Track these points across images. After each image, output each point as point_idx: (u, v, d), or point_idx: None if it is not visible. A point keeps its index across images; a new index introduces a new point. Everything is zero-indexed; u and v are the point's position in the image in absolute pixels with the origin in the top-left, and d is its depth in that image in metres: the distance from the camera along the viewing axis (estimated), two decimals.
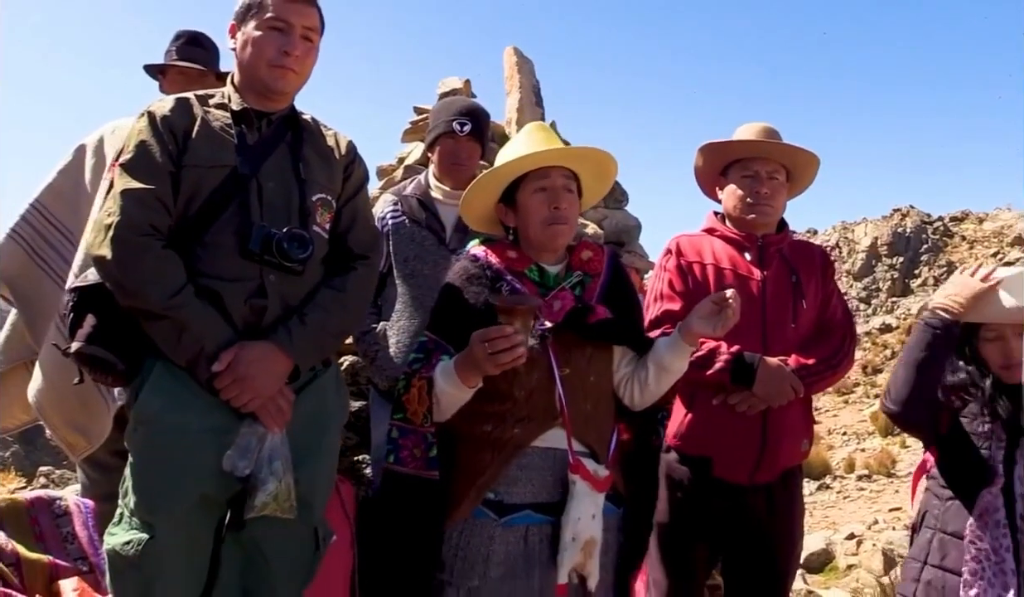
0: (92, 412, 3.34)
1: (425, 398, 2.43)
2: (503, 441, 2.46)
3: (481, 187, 2.66)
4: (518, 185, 2.60)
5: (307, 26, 2.47)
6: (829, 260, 3.40)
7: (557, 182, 2.57)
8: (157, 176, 2.32)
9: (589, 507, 2.41)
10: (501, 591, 2.40)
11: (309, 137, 2.57)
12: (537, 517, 2.46)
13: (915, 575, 2.70)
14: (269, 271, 2.36)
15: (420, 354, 2.53)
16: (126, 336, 2.32)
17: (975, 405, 2.67)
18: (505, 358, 2.24)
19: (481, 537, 2.43)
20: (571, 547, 2.38)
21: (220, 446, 2.27)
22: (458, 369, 2.38)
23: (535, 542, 2.44)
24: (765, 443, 3.02)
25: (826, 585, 8.66)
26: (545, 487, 2.47)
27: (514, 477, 2.46)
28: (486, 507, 2.46)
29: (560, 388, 2.46)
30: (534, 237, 2.59)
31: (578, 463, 2.43)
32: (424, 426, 2.44)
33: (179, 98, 2.48)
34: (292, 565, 2.45)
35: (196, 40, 3.72)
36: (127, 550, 2.24)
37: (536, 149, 2.57)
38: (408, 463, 2.45)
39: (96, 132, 3.57)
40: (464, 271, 2.60)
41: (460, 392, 2.41)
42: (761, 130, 3.23)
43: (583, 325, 2.51)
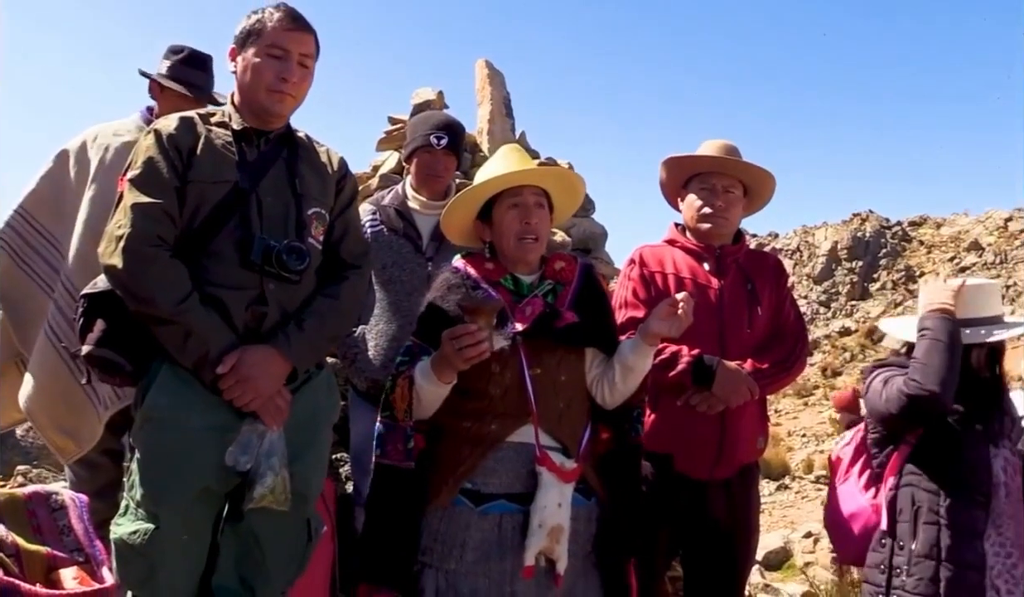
0: (81, 416, 3.44)
1: (406, 394, 2.65)
2: (481, 436, 2.68)
3: (460, 205, 2.88)
4: (494, 203, 2.82)
5: (303, 53, 2.65)
6: (782, 268, 3.62)
7: (528, 199, 2.80)
8: (164, 191, 2.48)
9: (555, 496, 2.61)
10: (475, 573, 2.62)
11: (304, 154, 2.75)
12: (511, 506, 2.66)
13: (931, 573, 2.81)
14: (269, 280, 2.54)
15: (406, 357, 2.75)
16: (133, 340, 2.49)
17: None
18: (471, 353, 2.48)
19: (459, 524, 2.65)
20: (538, 533, 2.58)
21: (222, 442, 2.45)
22: (433, 367, 2.62)
23: (508, 529, 2.64)
24: (723, 441, 3.24)
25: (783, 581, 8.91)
26: (519, 479, 2.67)
27: (490, 469, 2.68)
28: (464, 496, 2.66)
29: (530, 387, 2.67)
30: (507, 250, 2.82)
31: (544, 455, 2.65)
32: (405, 421, 2.66)
33: (183, 117, 2.64)
34: (286, 554, 2.64)
35: (197, 61, 3.72)
36: (134, 539, 2.42)
37: (510, 170, 2.80)
38: (392, 456, 2.68)
39: (78, 137, 3.64)
40: (445, 282, 2.83)
41: (437, 388, 2.63)
42: (721, 147, 3.44)
43: (551, 329, 2.73)
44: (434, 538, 2.66)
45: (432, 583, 2.63)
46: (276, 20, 2.61)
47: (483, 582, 2.61)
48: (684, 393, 3.22)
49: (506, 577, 2.61)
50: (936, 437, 2.92)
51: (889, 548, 2.93)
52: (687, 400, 3.21)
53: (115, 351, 2.49)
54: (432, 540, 2.66)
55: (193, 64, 3.71)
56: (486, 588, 2.60)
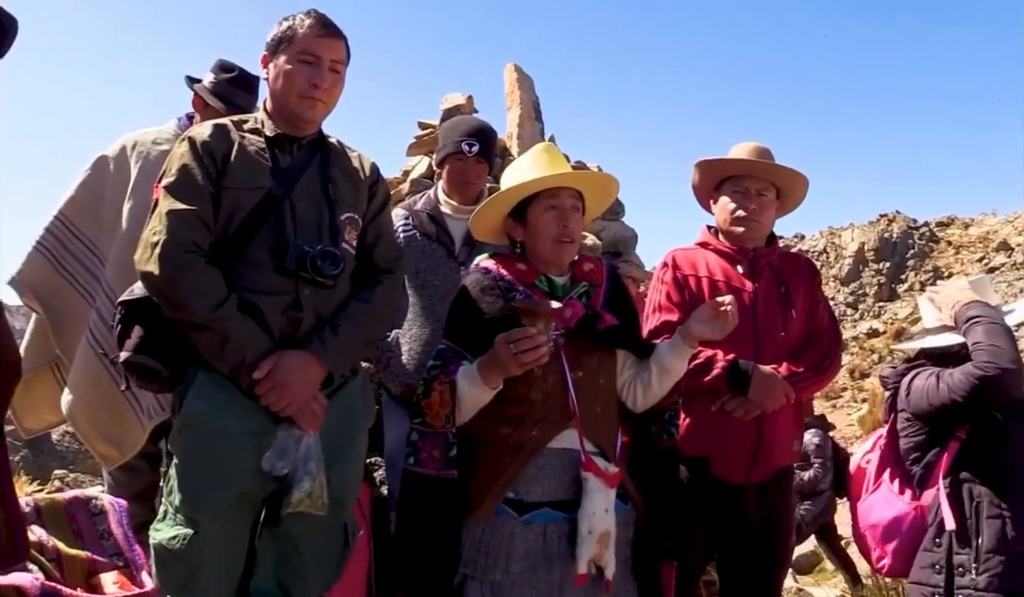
0: (124, 424, 3.48)
1: (448, 401, 2.61)
2: (522, 443, 2.63)
3: (494, 204, 2.86)
4: (528, 202, 2.80)
5: (335, 59, 2.66)
6: (816, 270, 3.60)
7: (566, 202, 2.78)
8: (199, 197, 2.50)
9: (602, 502, 2.59)
10: (522, 584, 2.57)
11: (336, 159, 2.76)
12: (555, 514, 2.62)
13: (1002, 568, 2.74)
14: (304, 285, 2.55)
15: (438, 361, 2.70)
16: (171, 346, 2.51)
17: None
18: (529, 357, 2.43)
19: (503, 534, 2.59)
20: (588, 539, 2.54)
21: (259, 447, 2.46)
22: (481, 371, 2.56)
23: (553, 538, 2.61)
24: (759, 444, 3.22)
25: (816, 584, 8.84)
26: (562, 486, 2.64)
27: (532, 477, 2.63)
28: (507, 505, 2.62)
29: (572, 391, 2.64)
30: (542, 252, 2.79)
31: (590, 461, 2.61)
32: (445, 427, 2.62)
33: (217, 124, 2.66)
34: (323, 558, 2.65)
35: (246, 82, 3.72)
36: (173, 544, 2.43)
37: (546, 170, 2.78)
38: (427, 464, 2.62)
39: (117, 143, 3.67)
40: (477, 283, 2.78)
41: (482, 393, 2.59)
42: (753, 149, 3.43)
43: (593, 331, 2.71)
44: (477, 549, 2.60)
45: (477, 595, 2.59)
46: (307, 27, 2.63)
47: (530, 593, 2.57)
48: (719, 397, 3.20)
49: (554, 588, 2.58)
50: (984, 430, 2.88)
51: (946, 547, 2.86)
52: (723, 405, 3.19)
53: (152, 357, 2.52)
54: (475, 551, 2.60)
55: (241, 85, 3.71)
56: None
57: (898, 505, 3.11)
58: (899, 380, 3.12)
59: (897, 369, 3.21)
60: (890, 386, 3.18)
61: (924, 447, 3.03)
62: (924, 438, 3.03)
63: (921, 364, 3.10)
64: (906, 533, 3.06)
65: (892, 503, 3.13)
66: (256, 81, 3.74)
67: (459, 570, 2.61)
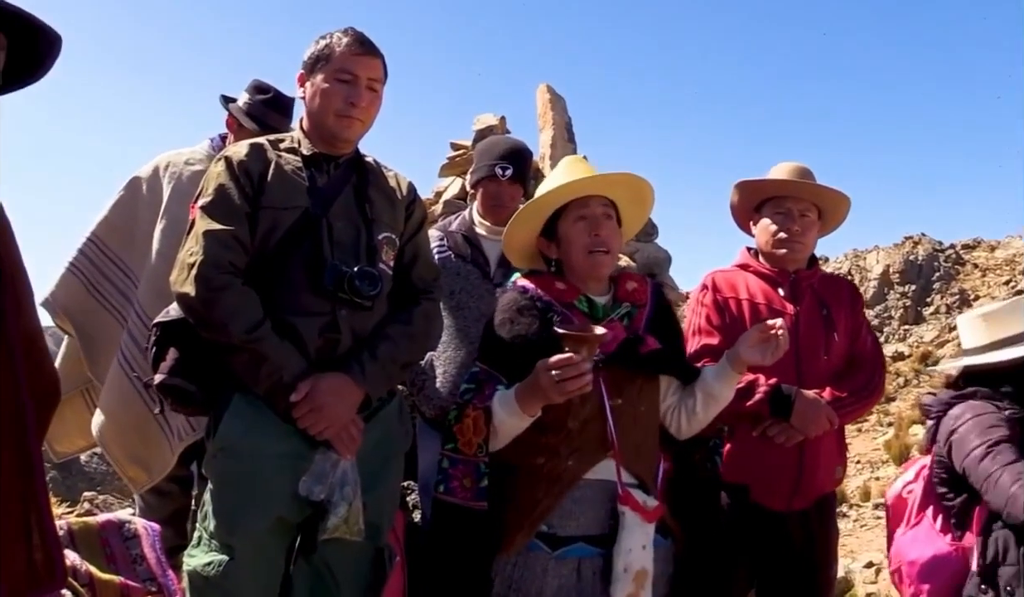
0: (154, 447, 3.45)
1: (482, 428, 2.50)
2: (557, 474, 2.51)
3: (522, 221, 2.75)
4: (558, 218, 2.70)
5: (372, 77, 2.62)
6: (858, 293, 3.54)
7: (596, 210, 2.67)
8: (235, 217, 2.47)
9: (640, 538, 2.47)
10: None
11: (373, 179, 2.72)
12: (589, 549, 2.50)
13: None
14: (341, 306, 2.50)
15: (472, 385, 2.60)
16: (206, 369, 2.47)
17: None
18: (573, 386, 2.30)
19: (534, 570, 2.49)
20: (623, 578, 2.43)
21: (295, 471, 2.41)
22: (519, 398, 2.44)
23: (588, 575, 2.49)
24: (801, 471, 3.14)
25: None
26: (597, 519, 2.52)
27: (567, 510, 2.52)
28: (539, 540, 2.50)
29: (611, 419, 2.52)
30: (577, 266, 2.67)
31: (627, 494, 2.49)
32: (478, 456, 2.52)
33: (253, 144, 2.63)
34: (359, 584, 2.58)
35: (279, 103, 3.69)
36: (208, 571, 2.38)
37: (573, 179, 2.67)
38: (458, 493, 2.52)
39: (150, 164, 3.66)
40: (514, 302, 2.66)
41: (520, 421, 2.47)
42: (795, 169, 3.37)
43: (635, 356, 2.58)
44: (508, 585, 2.49)
45: None
46: (344, 45, 2.59)
47: None
48: (760, 423, 3.13)
49: None
50: None
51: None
52: (764, 431, 3.12)
53: (187, 380, 2.48)
54: (506, 588, 2.49)
55: (276, 107, 3.68)
56: None
57: (938, 544, 2.97)
58: (944, 410, 2.98)
59: (939, 397, 3.08)
60: (933, 415, 3.04)
61: (952, 488, 2.92)
62: (949, 479, 2.92)
63: (964, 392, 2.98)
64: (945, 575, 2.92)
65: (933, 541, 2.99)
66: (291, 103, 3.70)
67: None
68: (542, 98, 5.68)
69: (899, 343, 33.56)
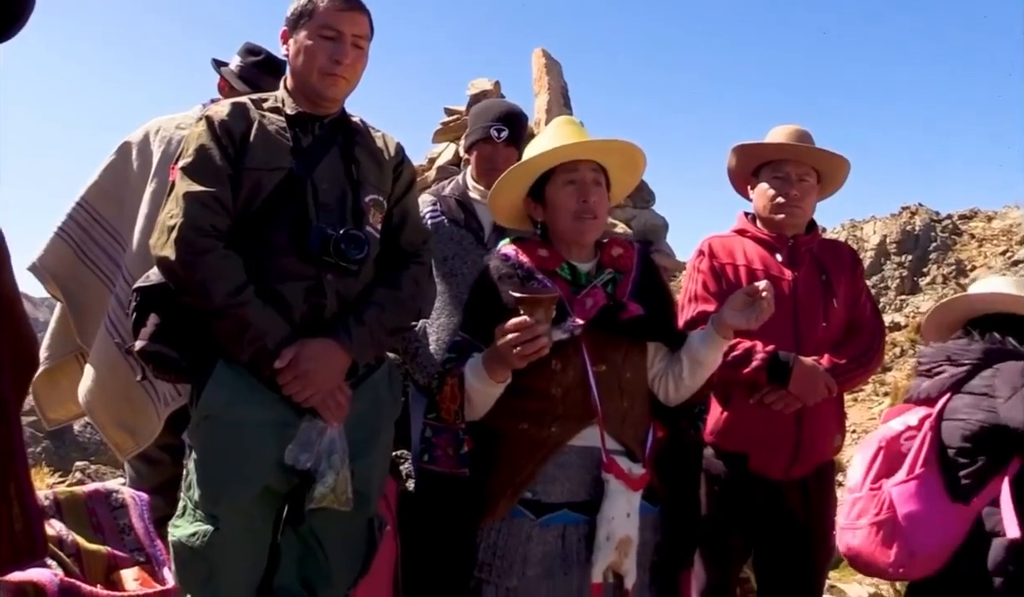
0: (140, 413, 3.39)
1: (457, 394, 2.48)
2: (541, 440, 2.49)
3: (509, 182, 2.69)
4: (547, 180, 2.63)
5: (357, 34, 2.54)
6: (858, 259, 3.47)
7: (586, 176, 2.60)
8: (217, 179, 2.39)
9: (623, 506, 2.43)
10: (539, 590, 2.44)
11: (360, 139, 2.64)
12: (574, 516, 2.48)
13: None
14: (326, 271, 2.43)
15: (453, 353, 2.58)
16: (188, 334, 2.40)
17: None
18: (528, 349, 2.27)
19: (518, 537, 2.46)
20: (605, 546, 2.40)
21: (281, 440, 2.35)
22: (486, 364, 2.43)
23: (572, 541, 2.47)
24: (800, 439, 3.09)
25: (843, 580, 8.70)
26: (583, 486, 2.49)
27: (551, 476, 2.49)
28: (523, 506, 2.48)
29: (594, 386, 2.49)
30: (563, 231, 2.62)
31: (611, 462, 2.45)
32: (456, 423, 2.49)
33: (235, 102, 2.55)
34: (348, 555, 2.53)
35: (271, 65, 3.58)
36: (193, 541, 2.33)
37: (565, 143, 2.60)
38: (442, 462, 2.50)
39: (140, 129, 3.58)
40: (495, 270, 2.63)
41: (489, 387, 2.45)
42: (793, 133, 3.29)
43: (616, 322, 2.54)
44: (492, 552, 2.47)
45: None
46: (328, 0, 2.51)
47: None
48: (757, 390, 3.07)
49: (573, 594, 2.44)
50: None
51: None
52: (762, 398, 3.06)
53: (169, 346, 2.40)
54: (490, 554, 2.47)
55: (268, 70, 3.58)
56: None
57: (941, 505, 2.79)
58: (982, 361, 2.81)
59: (970, 346, 2.89)
60: (965, 362, 2.85)
61: (975, 451, 2.78)
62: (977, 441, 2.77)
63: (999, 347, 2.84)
64: (946, 539, 2.76)
65: (935, 500, 2.80)
66: (283, 65, 3.62)
67: (473, 574, 2.48)
68: (538, 62, 5.60)
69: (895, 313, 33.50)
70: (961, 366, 2.87)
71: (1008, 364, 2.77)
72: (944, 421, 2.85)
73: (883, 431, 2.98)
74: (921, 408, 2.96)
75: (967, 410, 2.80)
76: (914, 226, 37.01)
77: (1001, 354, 2.83)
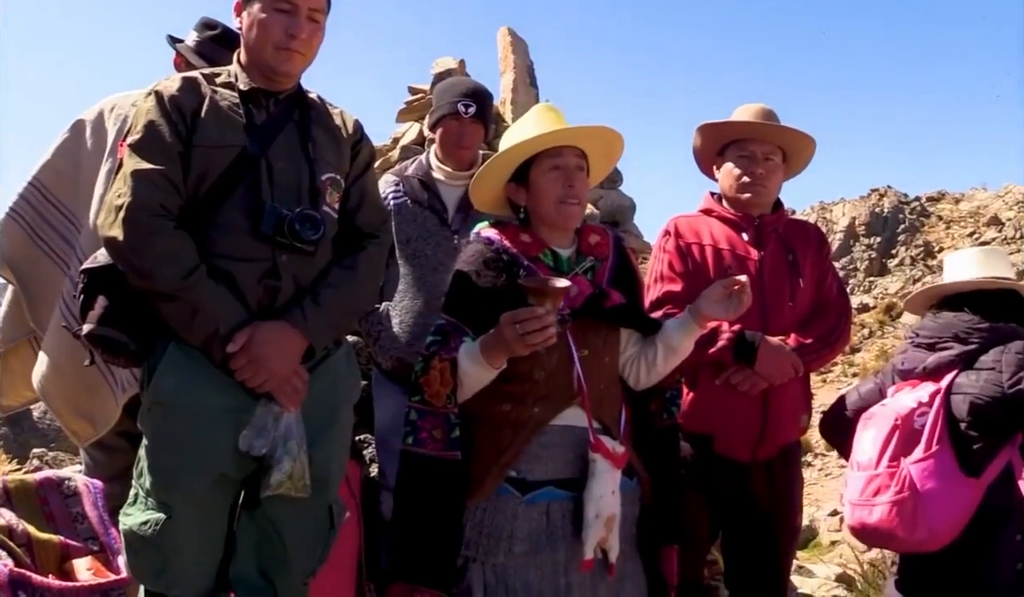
0: (98, 399, 3.30)
1: (448, 379, 2.46)
2: (523, 420, 2.52)
3: (495, 168, 2.69)
4: (530, 165, 2.63)
5: (313, 7, 2.44)
6: (824, 239, 3.46)
7: (570, 161, 2.61)
8: (167, 156, 2.31)
9: (609, 484, 2.47)
10: (526, 566, 2.46)
11: (316, 116, 2.56)
12: (559, 493, 2.51)
13: None
14: (281, 252, 2.35)
15: (437, 336, 2.55)
16: (138, 317, 2.32)
17: None
18: (537, 339, 2.29)
19: (505, 514, 2.48)
20: (595, 523, 2.43)
21: (235, 425, 2.28)
22: (484, 350, 2.42)
23: (557, 518, 2.50)
24: (766, 420, 3.07)
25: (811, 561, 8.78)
26: (567, 464, 2.52)
27: (535, 455, 2.51)
28: (509, 484, 2.50)
29: (579, 369, 2.51)
30: (547, 216, 2.63)
31: (599, 442, 2.49)
32: (447, 406, 2.48)
33: (186, 77, 2.47)
34: (307, 543, 2.47)
35: (229, 39, 3.43)
36: (144, 530, 2.27)
37: (548, 129, 2.61)
38: (427, 444, 2.48)
39: (94, 107, 3.47)
40: (479, 254, 2.62)
41: (485, 372, 2.46)
42: (758, 111, 3.27)
43: (600, 309, 2.57)
44: (479, 530, 2.49)
45: (479, 578, 2.46)
46: None
47: (535, 574, 2.45)
48: (723, 371, 3.05)
49: (559, 568, 2.47)
50: None
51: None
52: (728, 378, 3.04)
53: (118, 330, 2.32)
54: (476, 533, 2.49)
55: (226, 44, 3.42)
56: (538, 581, 2.45)
57: (956, 480, 2.82)
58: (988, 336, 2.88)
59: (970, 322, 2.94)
60: (974, 340, 2.89)
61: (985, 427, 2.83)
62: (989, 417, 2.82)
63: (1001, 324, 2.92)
64: (961, 514, 2.80)
65: (951, 476, 2.82)
66: (235, 36, 3.54)
67: (461, 552, 2.49)
68: (503, 41, 5.52)
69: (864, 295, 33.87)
70: (969, 344, 2.91)
71: (1015, 343, 2.85)
72: (953, 395, 2.88)
73: (894, 407, 2.96)
74: (928, 383, 2.96)
75: (976, 386, 2.84)
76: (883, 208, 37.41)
77: (1007, 332, 2.90)
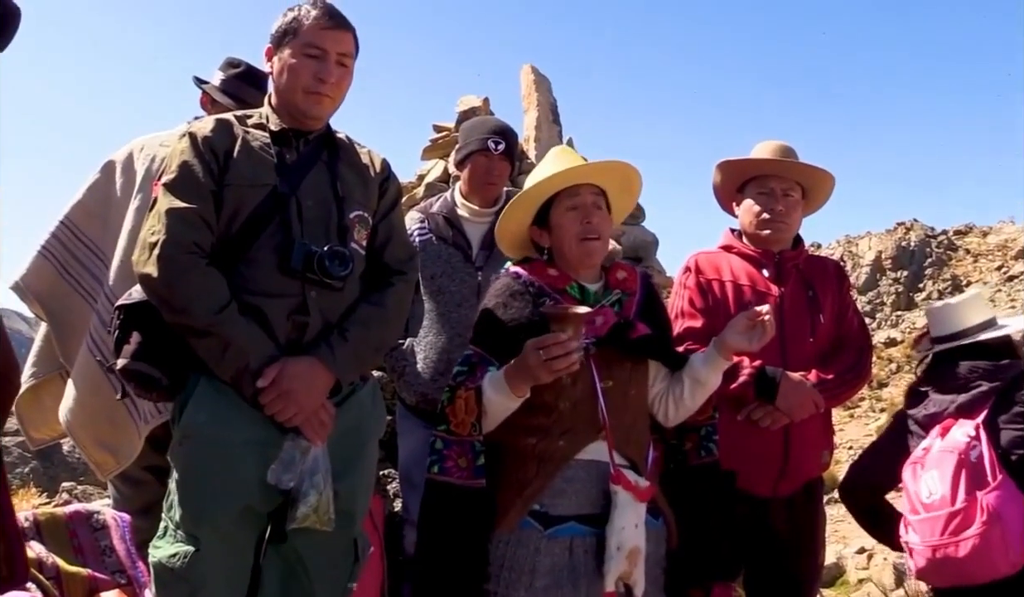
0: (121, 432, 3.36)
1: (473, 408, 2.50)
2: (548, 453, 2.53)
3: (514, 211, 2.75)
4: (550, 207, 2.69)
5: (342, 52, 2.53)
6: (844, 274, 3.48)
7: (587, 199, 2.66)
8: (200, 195, 2.38)
9: (632, 517, 2.47)
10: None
11: (345, 155, 2.64)
12: (581, 528, 2.51)
13: None
14: (310, 288, 2.42)
15: (464, 367, 2.60)
16: (170, 352, 2.38)
17: None
18: (560, 364, 2.31)
19: (527, 548, 2.48)
20: (616, 556, 2.43)
21: (263, 459, 2.33)
22: (508, 378, 2.45)
23: (580, 553, 2.49)
24: (787, 456, 3.08)
25: None
26: (589, 499, 2.52)
27: (559, 489, 2.52)
28: (532, 518, 2.51)
29: (602, 401, 2.52)
30: (569, 254, 2.67)
31: (620, 474, 2.49)
32: (472, 435, 2.51)
33: (219, 119, 2.54)
34: (332, 576, 2.50)
35: (254, 78, 3.59)
36: (173, 562, 2.30)
37: (564, 169, 2.66)
38: (453, 473, 2.51)
39: (124, 148, 3.57)
40: (507, 288, 2.67)
41: (509, 401, 2.48)
42: (777, 148, 3.31)
43: (625, 340, 2.59)
44: (500, 564, 2.49)
45: None
46: (313, 18, 2.50)
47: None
48: (744, 406, 3.07)
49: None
50: None
51: None
52: (749, 415, 3.05)
53: (151, 365, 2.38)
54: (498, 567, 2.49)
55: (249, 81, 3.58)
56: None
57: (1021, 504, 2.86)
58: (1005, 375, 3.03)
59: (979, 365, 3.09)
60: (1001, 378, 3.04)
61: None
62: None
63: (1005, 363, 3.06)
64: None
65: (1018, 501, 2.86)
66: (265, 77, 3.59)
67: (482, 586, 2.49)
68: (526, 79, 5.58)
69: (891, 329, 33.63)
70: (996, 382, 3.03)
71: None
72: (1002, 430, 2.97)
73: (951, 445, 2.98)
74: (964, 420, 3.02)
75: (1015, 419, 2.97)
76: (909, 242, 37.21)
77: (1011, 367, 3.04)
